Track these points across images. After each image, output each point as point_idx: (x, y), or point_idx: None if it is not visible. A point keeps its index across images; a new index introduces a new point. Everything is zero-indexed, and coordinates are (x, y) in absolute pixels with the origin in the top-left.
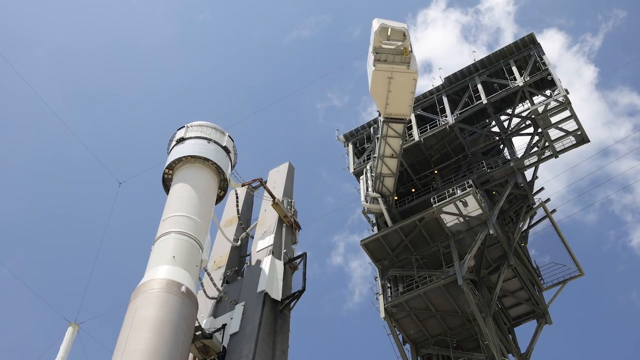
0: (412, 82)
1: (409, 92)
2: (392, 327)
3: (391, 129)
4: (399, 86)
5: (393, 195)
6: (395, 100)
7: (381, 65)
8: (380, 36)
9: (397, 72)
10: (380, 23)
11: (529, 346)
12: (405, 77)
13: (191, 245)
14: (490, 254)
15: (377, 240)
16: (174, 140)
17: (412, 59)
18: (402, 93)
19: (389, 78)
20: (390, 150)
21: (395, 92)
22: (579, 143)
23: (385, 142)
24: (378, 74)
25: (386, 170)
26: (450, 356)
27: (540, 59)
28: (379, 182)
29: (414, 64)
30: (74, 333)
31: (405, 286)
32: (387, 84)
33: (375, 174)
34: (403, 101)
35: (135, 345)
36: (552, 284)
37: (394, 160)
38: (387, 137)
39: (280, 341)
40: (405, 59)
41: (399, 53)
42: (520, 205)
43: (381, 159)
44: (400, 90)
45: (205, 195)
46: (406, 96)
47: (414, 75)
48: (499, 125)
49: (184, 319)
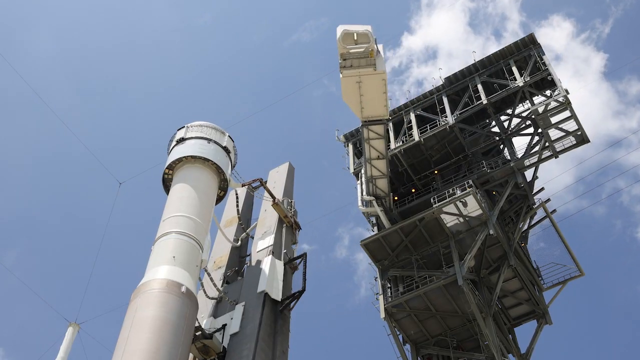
0: (381, 82)
1: (381, 92)
2: (392, 327)
3: (372, 132)
4: (369, 89)
5: (389, 195)
6: (370, 103)
7: (347, 71)
8: (344, 42)
9: (364, 76)
10: (343, 29)
11: (529, 346)
12: (374, 79)
13: (191, 245)
14: (490, 254)
15: (377, 241)
16: (174, 141)
17: (378, 59)
18: (375, 95)
19: (358, 82)
20: (376, 152)
21: (368, 95)
22: (579, 143)
23: (369, 145)
24: (346, 80)
25: (376, 172)
26: (450, 356)
27: (541, 59)
28: (371, 185)
29: (381, 64)
30: (74, 333)
31: (405, 286)
32: (358, 89)
33: (366, 178)
34: (377, 103)
35: (136, 345)
36: (552, 284)
37: (382, 161)
38: (370, 140)
39: (281, 341)
40: (370, 61)
41: (365, 56)
42: (520, 206)
43: (369, 162)
44: (372, 92)
45: (205, 195)
46: (379, 97)
47: (382, 75)
48: (499, 126)
49: (184, 319)
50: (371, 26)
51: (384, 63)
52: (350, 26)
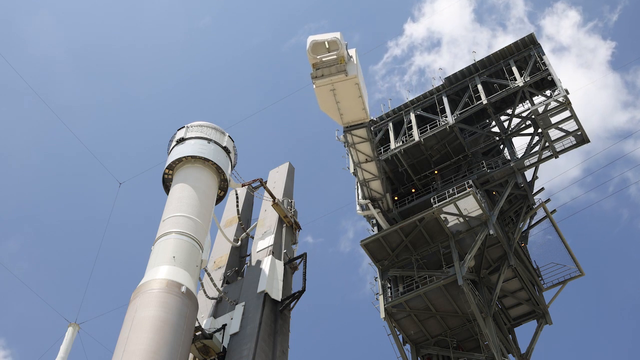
0: (355, 87)
1: (356, 97)
2: (392, 328)
3: (356, 136)
4: (345, 95)
5: (385, 196)
6: (348, 109)
7: (320, 81)
8: (314, 52)
9: (337, 83)
10: (312, 39)
11: (529, 346)
12: (347, 85)
13: (191, 245)
14: (490, 254)
15: (377, 241)
16: (174, 141)
17: (349, 65)
18: (351, 100)
19: (332, 90)
20: (364, 155)
21: (344, 101)
22: (579, 143)
23: (355, 150)
24: (320, 90)
25: (368, 175)
26: (450, 356)
27: (541, 59)
28: (365, 188)
29: (352, 69)
30: (74, 333)
31: (405, 286)
32: (333, 96)
33: (359, 182)
34: (355, 107)
35: (136, 345)
36: (552, 284)
37: (372, 164)
38: (355, 145)
39: (281, 341)
40: (341, 68)
41: (335, 63)
42: (520, 206)
43: (358, 166)
44: (347, 98)
45: (205, 195)
46: (356, 102)
47: (354, 80)
48: (499, 126)
49: (184, 319)
50: (340, 33)
51: (355, 67)
52: (319, 36)
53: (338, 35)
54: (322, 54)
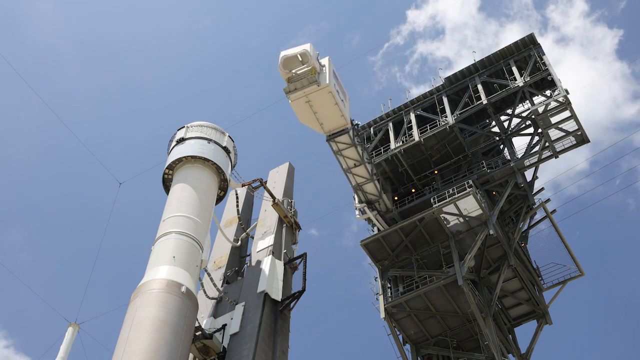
0: (328, 96)
1: (332, 105)
2: (392, 328)
3: (340, 143)
4: (320, 105)
5: (381, 197)
6: (327, 117)
7: (294, 95)
8: (288, 67)
9: (311, 94)
10: (282, 55)
11: (529, 346)
12: (321, 95)
13: (191, 245)
14: (490, 254)
15: (377, 241)
16: (174, 141)
17: (321, 74)
18: (328, 108)
19: (307, 102)
20: (351, 161)
21: (322, 111)
22: (579, 143)
23: (342, 156)
24: (295, 103)
25: (359, 179)
26: (450, 356)
27: (541, 59)
28: (359, 192)
29: (323, 78)
30: (74, 333)
31: (405, 286)
32: (310, 108)
33: (352, 187)
34: (333, 115)
35: (136, 345)
36: (552, 284)
37: (361, 167)
38: (341, 152)
39: (281, 341)
40: (312, 79)
41: (307, 75)
42: (520, 206)
43: (348, 172)
44: (324, 107)
45: (205, 195)
46: (333, 109)
47: (327, 89)
48: (499, 126)
49: (184, 319)
50: (310, 44)
51: (327, 76)
52: (289, 50)
53: (308, 47)
54: (296, 67)
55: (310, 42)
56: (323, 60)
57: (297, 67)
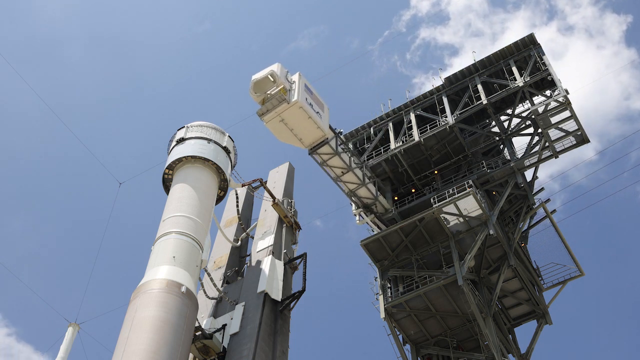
0: (300, 111)
1: (306, 119)
2: (392, 328)
3: (323, 154)
4: (295, 121)
5: (377, 199)
6: (304, 132)
7: (267, 116)
8: (260, 90)
9: (283, 112)
10: (252, 80)
11: (529, 346)
12: (292, 111)
13: (191, 245)
14: (490, 254)
15: (377, 241)
16: (174, 141)
17: (290, 92)
18: (303, 123)
19: (281, 121)
20: (338, 169)
21: (297, 127)
22: (579, 143)
23: (327, 167)
24: (270, 124)
25: (351, 185)
26: (450, 356)
27: (540, 59)
28: (354, 198)
29: (292, 95)
30: (74, 333)
31: (405, 286)
32: (285, 126)
33: (346, 194)
34: (309, 128)
35: (136, 345)
36: (552, 284)
37: (349, 174)
38: (326, 162)
39: (281, 341)
40: (281, 97)
41: (277, 95)
42: (520, 206)
43: (338, 181)
44: (299, 123)
45: (205, 195)
46: (308, 123)
47: (297, 105)
48: (499, 126)
49: (184, 319)
50: (278, 64)
51: (296, 92)
52: (258, 73)
53: (275, 67)
54: (270, 88)
55: (278, 62)
56: (294, 77)
57: (271, 88)
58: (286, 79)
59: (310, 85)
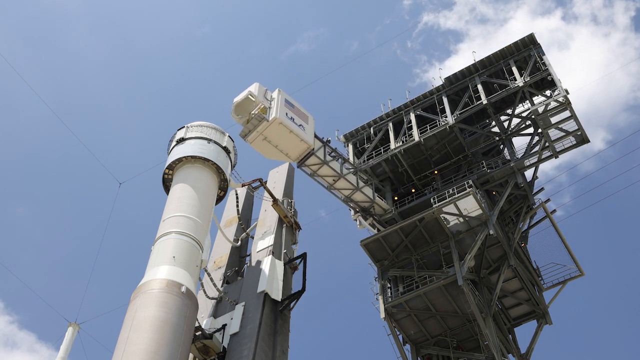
0: (280, 127)
1: (287, 134)
2: (392, 328)
3: (311, 166)
4: (277, 137)
5: (374, 201)
6: (288, 147)
7: (250, 137)
8: (242, 112)
9: (264, 131)
10: (234, 103)
11: (529, 346)
12: (273, 128)
13: (191, 245)
14: (490, 254)
15: (377, 241)
16: (174, 141)
17: (269, 109)
18: (286, 138)
19: (265, 139)
20: (330, 178)
21: (281, 143)
22: (579, 143)
23: (318, 177)
24: (255, 144)
25: (345, 191)
26: (450, 356)
27: (540, 59)
28: (351, 204)
29: (272, 112)
30: (74, 333)
31: (405, 286)
32: (269, 144)
33: (343, 201)
34: (293, 142)
35: (136, 345)
36: (552, 284)
37: (341, 180)
38: (317, 173)
39: (281, 341)
40: (260, 117)
41: (257, 114)
42: (520, 206)
43: (332, 189)
44: (281, 138)
45: (205, 195)
46: (290, 138)
47: (276, 121)
48: (499, 126)
49: (184, 319)
50: (256, 84)
51: (275, 109)
52: (238, 96)
53: (253, 88)
54: (252, 109)
55: (257, 82)
56: (274, 93)
57: (253, 109)
58: (264, 97)
59: (291, 99)
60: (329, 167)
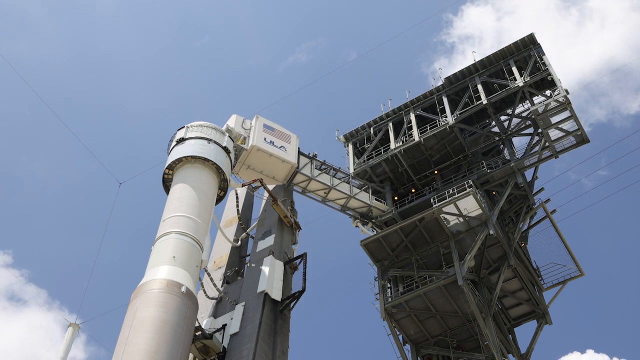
0: (259, 153)
1: (268, 158)
2: (392, 328)
3: (300, 184)
4: (259, 163)
5: (371, 204)
6: (273, 170)
7: (235, 169)
8: None
9: (246, 160)
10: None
11: (529, 346)
12: (253, 156)
13: (191, 245)
14: (490, 254)
15: (377, 241)
16: (174, 141)
17: (247, 139)
18: (268, 163)
19: (248, 167)
20: (321, 192)
21: (265, 168)
22: (579, 143)
23: (310, 192)
24: (242, 174)
25: (340, 201)
26: (450, 356)
27: (540, 59)
28: (349, 212)
29: (249, 141)
30: (74, 333)
31: (405, 286)
32: (254, 171)
33: (340, 211)
34: (277, 165)
35: (136, 345)
36: (552, 284)
37: (334, 191)
38: (307, 189)
39: (281, 341)
40: (239, 147)
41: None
42: (520, 206)
43: (326, 201)
44: (264, 163)
45: (205, 195)
46: (272, 161)
47: (254, 149)
48: (499, 126)
49: (184, 319)
50: (234, 116)
51: (252, 137)
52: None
53: (230, 121)
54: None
55: (235, 114)
56: (252, 121)
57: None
58: (242, 127)
59: (271, 122)
60: (317, 182)
